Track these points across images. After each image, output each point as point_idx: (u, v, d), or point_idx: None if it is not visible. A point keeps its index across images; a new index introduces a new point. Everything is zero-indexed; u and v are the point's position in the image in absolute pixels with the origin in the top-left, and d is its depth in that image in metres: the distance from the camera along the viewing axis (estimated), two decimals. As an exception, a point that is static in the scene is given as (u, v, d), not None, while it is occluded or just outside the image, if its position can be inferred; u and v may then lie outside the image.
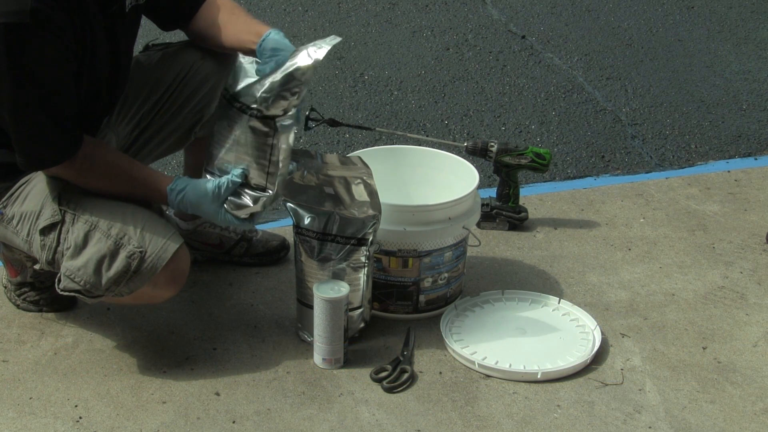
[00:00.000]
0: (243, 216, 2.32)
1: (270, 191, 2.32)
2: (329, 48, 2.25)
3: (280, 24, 4.42)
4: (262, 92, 2.28)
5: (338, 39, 2.29)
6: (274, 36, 2.33)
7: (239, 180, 2.32)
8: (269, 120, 2.29)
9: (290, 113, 2.28)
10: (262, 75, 2.31)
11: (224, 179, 2.32)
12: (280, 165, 2.31)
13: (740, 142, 3.62)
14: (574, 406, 2.35)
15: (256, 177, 2.33)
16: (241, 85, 2.35)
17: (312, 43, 2.27)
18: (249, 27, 2.40)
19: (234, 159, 2.35)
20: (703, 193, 3.25)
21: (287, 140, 2.30)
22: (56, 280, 2.31)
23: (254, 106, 2.30)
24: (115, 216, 2.28)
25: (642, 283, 2.79)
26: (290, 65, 2.26)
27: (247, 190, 2.33)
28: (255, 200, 2.32)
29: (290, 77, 2.26)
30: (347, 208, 2.41)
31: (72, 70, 2.21)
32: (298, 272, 2.52)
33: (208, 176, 2.40)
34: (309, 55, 2.25)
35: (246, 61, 2.38)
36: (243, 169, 2.33)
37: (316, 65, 2.24)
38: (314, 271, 2.47)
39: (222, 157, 2.37)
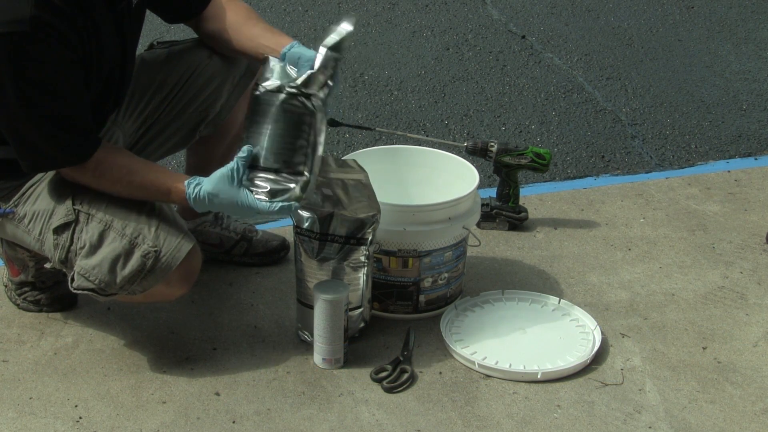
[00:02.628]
0: (280, 202, 2.25)
1: (306, 174, 2.26)
2: (352, 25, 2.26)
3: (280, 24, 4.42)
4: (301, 77, 2.26)
5: (353, 18, 2.28)
6: (302, 48, 2.32)
7: (245, 155, 2.24)
8: (306, 99, 2.25)
9: (324, 92, 2.25)
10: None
11: (233, 162, 2.25)
12: (319, 147, 2.27)
13: (740, 142, 3.62)
14: (574, 406, 2.35)
15: (294, 160, 2.26)
16: (275, 79, 2.29)
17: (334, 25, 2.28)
18: (270, 36, 2.39)
19: (269, 145, 2.27)
20: (703, 193, 3.25)
21: (324, 121, 2.27)
22: (69, 278, 2.31)
23: (291, 85, 2.26)
24: (129, 215, 2.29)
25: (642, 283, 2.80)
26: (323, 51, 2.25)
27: (284, 175, 2.26)
28: (294, 183, 2.26)
29: (327, 55, 2.24)
30: (346, 208, 2.41)
31: (79, 73, 2.20)
32: (298, 272, 2.52)
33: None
34: (338, 32, 2.25)
35: (276, 61, 2.32)
36: (249, 147, 2.26)
37: (348, 37, 2.24)
38: (314, 270, 2.47)
39: (259, 143, 2.28)
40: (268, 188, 2.25)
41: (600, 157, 3.52)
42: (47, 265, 2.48)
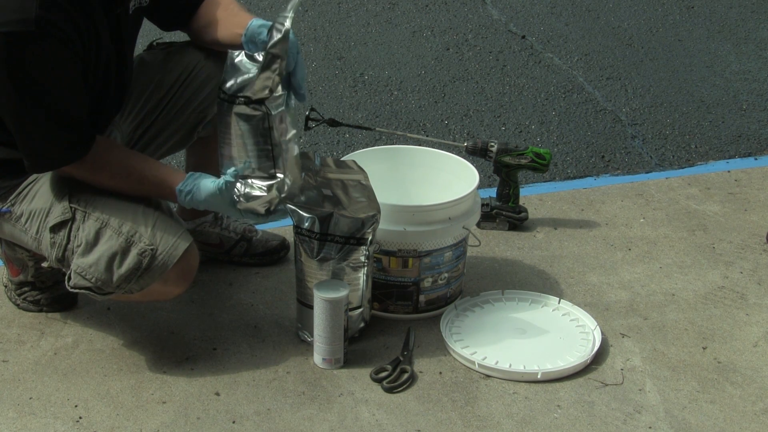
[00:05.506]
0: (259, 209, 2.31)
1: (279, 175, 2.30)
2: (292, 13, 2.26)
3: (280, 24, 4.42)
4: (247, 79, 2.29)
5: (297, 1, 2.29)
6: (255, 23, 2.33)
7: (232, 179, 2.30)
8: (259, 104, 2.28)
9: (277, 93, 2.27)
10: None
11: (221, 180, 2.31)
12: (284, 147, 2.29)
13: (740, 142, 3.62)
14: (574, 406, 2.35)
15: (262, 165, 2.31)
16: (232, 80, 2.34)
17: (277, 17, 2.28)
18: (237, 20, 2.39)
19: (237, 153, 2.34)
20: (703, 193, 3.25)
21: (284, 120, 2.29)
22: (66, 277, 2.31)
23: (241, 94, 2.30)
24: (126, 214, 2.29)
25: (642, 283, 2.80)
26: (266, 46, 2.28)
27: (255, 181, 2.32)
28: (268, 189, 2.31)
29: (267, 56, 2.26)
30: (346, 208, 2.42)
31: (79, 73, 2.21)
32: (298, 272, 2.52)
33: None
34: (277, 29, 2.26)
35: (236, 57, 2.36)
36: (236, 167, 2.32)
37: (287, 35, 2.25)
38: (314, 271, 2.47)
39: (227, 154, 2.36)
40: (243, 192, 2.31)
41: (600, 157, 3.52)
42: (44, 264, 2.48)
